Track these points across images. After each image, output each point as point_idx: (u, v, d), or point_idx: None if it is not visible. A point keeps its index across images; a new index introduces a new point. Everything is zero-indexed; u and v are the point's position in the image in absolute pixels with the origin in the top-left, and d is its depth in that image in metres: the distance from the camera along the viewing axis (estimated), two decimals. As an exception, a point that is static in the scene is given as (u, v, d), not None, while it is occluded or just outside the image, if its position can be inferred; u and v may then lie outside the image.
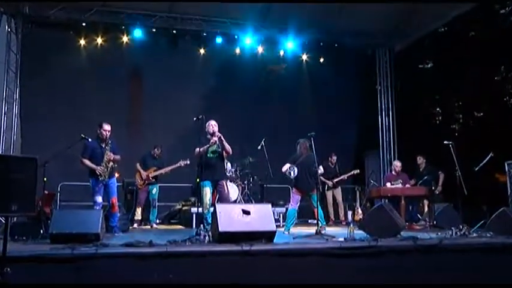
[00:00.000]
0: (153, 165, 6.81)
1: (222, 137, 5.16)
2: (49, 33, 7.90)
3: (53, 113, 7.93)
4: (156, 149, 6.89)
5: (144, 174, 6.70)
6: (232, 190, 7.04)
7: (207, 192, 5.07)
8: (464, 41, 8.50)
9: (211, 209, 4.70)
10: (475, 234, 4.53)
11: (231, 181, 7.18)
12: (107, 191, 5.24)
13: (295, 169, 5.53)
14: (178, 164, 6.77)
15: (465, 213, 5.16)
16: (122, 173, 6.83)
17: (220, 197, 5.32)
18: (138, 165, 6.77)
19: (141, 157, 6.86)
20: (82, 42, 8.32)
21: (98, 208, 5.05)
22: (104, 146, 5.22)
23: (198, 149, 4.95)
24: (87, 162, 5.20)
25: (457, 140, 5.53)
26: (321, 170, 5.57)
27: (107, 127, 5.22)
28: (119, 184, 5.86)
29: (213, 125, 5.21)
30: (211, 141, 5.09)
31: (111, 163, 5.18)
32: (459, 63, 8.39)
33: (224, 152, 5.23)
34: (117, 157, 5.32)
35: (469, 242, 4.09)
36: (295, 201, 5.68)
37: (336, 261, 3.57)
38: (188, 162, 6.67)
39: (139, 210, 6.70)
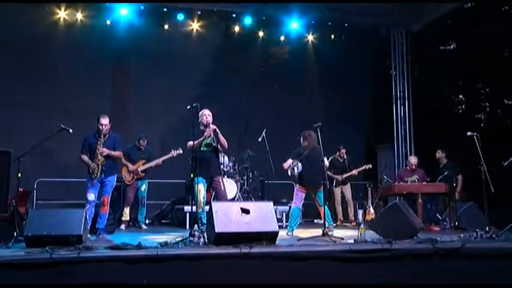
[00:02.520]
0: (141, 158, 6.79)
1: (217, 129, 5.14)
2: (19, 6, 7.79)
3: (27, 100, 7.89)
4: (141, 140, 6.86)
5: (132, 168, 6.68)
6: (230, 187, 7.04)
7: (201, 189, 5.07)
8: (495, 17, 8.35)
9: (207, 208, 4.70)
10: (503, 237, 4.49)
11: (228, 177, 7.18)
12: (101, 189, 5.28)
13: (299, 165, 5.50)
14: (170, 155, 6.76)
15: (492, 213, 5.14)
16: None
17: (217, 194, 5.32)
18: (123, 160, 6.74)
19: (125, 150, 6.84)
20: (59, 19, 8.25)
21: (88, 207, 5.05)
22: (99, 140, 5.23)
23: (191, 142, 4.94)
24: (84, 158, 5.27)
25: (483, 131, 5.49)
26: (326, 163, 5.55)
27: (102, 120, 5.27)
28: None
29: (206, 115, 5.19)
30: (205, 133, 5.08)
31: (101, 158, 5.17)
32: (487, 44, 8.26)
33: (219, 146, 5.22)
34: (115, 153, 5.34)
35: (496, 246, 4.05)
36: (299, 199, 5.68)
37: (345, 266, 3.56)
38: (181, 151, 6.65)
39: (127, 210, 6.69)
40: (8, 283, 3.04)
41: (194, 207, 4.95)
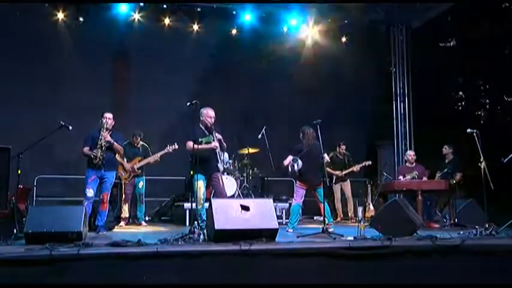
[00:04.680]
0: (137, 155, 6.78)
1: (222, 140, 5.15)
2: (20, 4, 7.77)
3: (27, 97, 7.87)
4: (135, 137, 6.84)
5: (127, 166, 6.67)
6: (230, 184, 7.04)
7: (201, 186, 5.06)
8: (495, 13, 8.31)
9: (206, 205, 4.70)
10: (503, 234, 4.49)
11: (228, 174, 7.18)
12: (101, 185, 5.27)
13: (299, 161, 5.49)
14: (165, 150, 6.74)
15: (491, 210, 5.14)
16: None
17: (215, 191, 5.31)
18: (118, 157, 6.73)
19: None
20: (59, 16, 8.23)
21: (87, 203, 5.04)
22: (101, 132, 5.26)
23: (191, 144, 4.93)
24: (85, 150, 5.27)
25: (483, 128, 5.48)
26: (326, 158, 5.54)
27: (106, 114, 5.34)
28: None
29: (211, 117, 5.14)
30: (212, 145, 5.05)
31: (104, 143, 5.16)
32: (487, 41, 8.24)
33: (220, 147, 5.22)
34: (117, 145, 5.35)
35: (495, 242, 4.05)
36: (299, 195, 5.67)
37: (345, 263, 3.56)
38: (176, 146, 6.64)
39: (125, 207, 6.69)
40: (7, 280, 3.04)
41: (194, 204, 4.94)
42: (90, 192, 5.16)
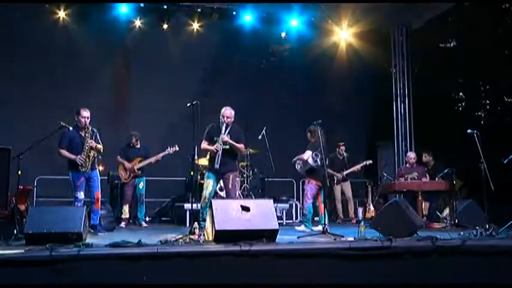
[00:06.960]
0: (137, 155, 6.77)
1: (228, 140, 5.03)
2: (19, 4, 7.77)
3: (27, 97, 7.88)
4: (131, 138, 6.83)
5: (128, 165, 6.67)
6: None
7: (209, 184, 5.02)
8: (496, 14, 8.32)
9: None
10: (503, 235, 4.49)
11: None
12: (90, 185, 5.22)
13: (319, 156, 5.44)
14: (166, 152, 6.73)
15: (492, 211, 5.14)
16: (107, 165, 6.82)
17: (226, 192, 5.29)
18: (119, 158, 6.73)
19: (120, 149, 6.82)
20: (59, 16, 8.23)
21: (79, 205, 5.02)
22: (83, 134, 5.17)
23: (202, 143, 4.90)
24: (65, 153, 5.14)
25: (483, 129, 5.48)
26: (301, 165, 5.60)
27: (85, 113, 5.15)
28: (103, 178, 5.85)
29: (224, 116, 5.04)
30: (214, 147, 4.98)
31: (92, 151, 5.13)
32: (488, 41, 8.25)
33: (235, 149, 5.13)
34: (99, 146, 5.28)
35: (496, 243, 4.04)
36: (312, 194, 5.61)
37: (345, 263, 3.55)
38: (177, 148, 6.63)
39: (126, 208, 6.69)
40: (7, 281, 3.04)
41: (195, 205, 4.94)
42: (81, 195, 5.12)
